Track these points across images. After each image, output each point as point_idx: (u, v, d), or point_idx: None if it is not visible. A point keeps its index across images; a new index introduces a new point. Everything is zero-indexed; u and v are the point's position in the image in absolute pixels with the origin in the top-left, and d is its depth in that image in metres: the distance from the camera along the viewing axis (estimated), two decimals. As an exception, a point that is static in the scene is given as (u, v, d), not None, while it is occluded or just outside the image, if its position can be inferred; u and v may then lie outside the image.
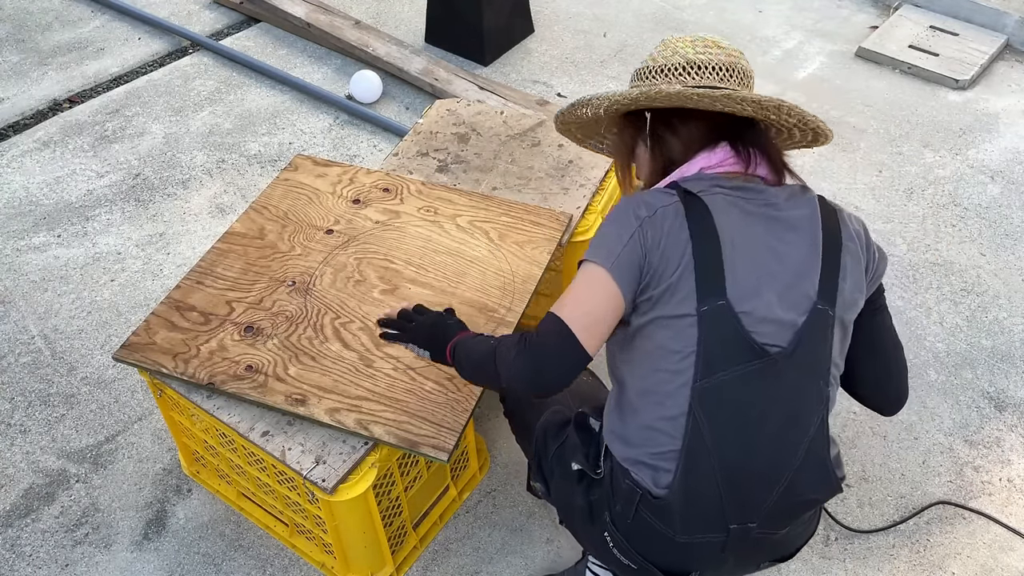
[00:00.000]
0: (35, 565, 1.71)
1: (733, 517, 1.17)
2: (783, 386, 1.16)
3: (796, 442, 1.17)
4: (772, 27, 3.37)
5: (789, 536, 1.25)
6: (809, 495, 1.20)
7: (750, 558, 1.27)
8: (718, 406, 1.14)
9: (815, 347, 1.17)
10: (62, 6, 3.51)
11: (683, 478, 1.16)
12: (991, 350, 2.10)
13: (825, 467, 1.19)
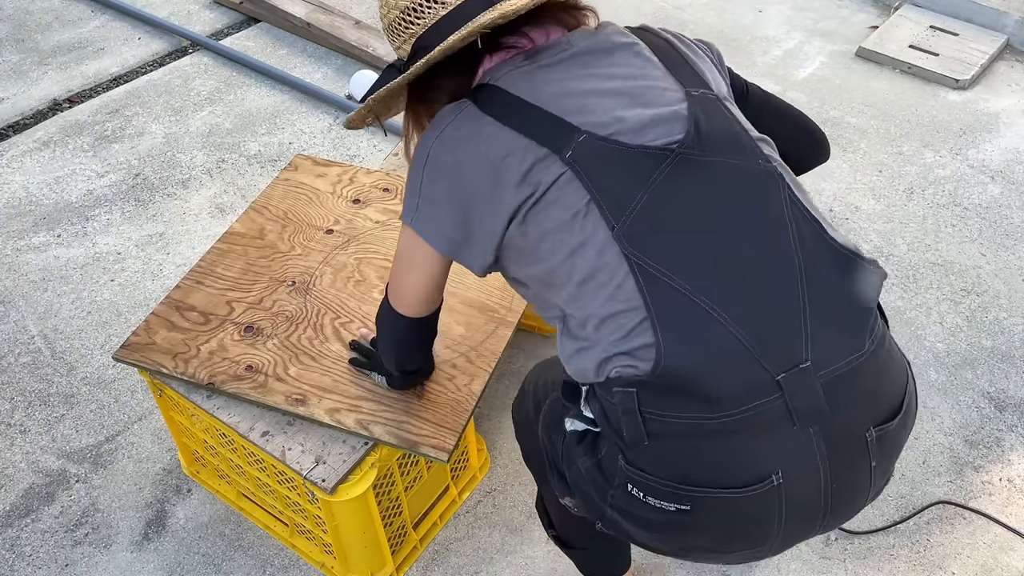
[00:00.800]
0: (35, 565, 1.71)
1: (772, 359, 0.93)
2: (713, 176, 0.99)
3: (776, 227, 0.98)
4: (772, 27, 3.37)
5: (882, 382, 0.99)
6: (843, 285, 0.98)
7: (847, 437, 0.95)
8: (656, 234, 0.96)
9: (719, 125, 1.02)
10: (62, 6, 3.51)
11: (671, 336, 0.94)
12: (991, 350, 2.10)
13: (833, 248, 0.99)
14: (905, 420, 1.02)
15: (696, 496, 0.95)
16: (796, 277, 0.96)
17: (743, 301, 0.94)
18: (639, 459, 0.97)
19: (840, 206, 2.51)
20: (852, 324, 0.97)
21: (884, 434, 0.98)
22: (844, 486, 0.98)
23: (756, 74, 3.08)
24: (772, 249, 0.97)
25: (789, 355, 0.93)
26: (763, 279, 0.95)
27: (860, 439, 0.96)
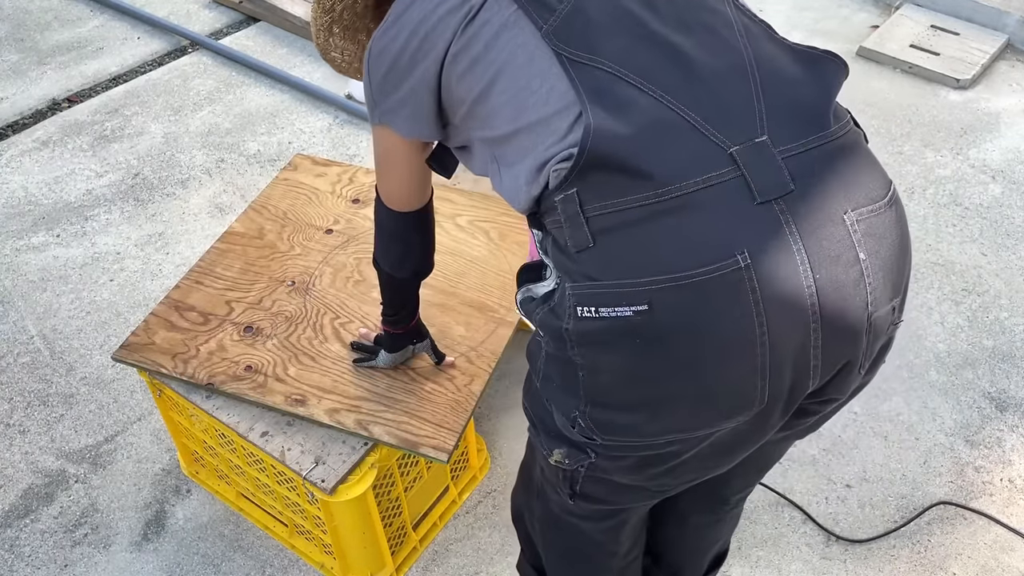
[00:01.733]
0: (34, 565, 1.70)
1: (721, 131, 0.87)
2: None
3: (718, 22, 0.95)
4: (773, 26, 3.36)
5: (857, 167, 0.90)
6: (796, 71, 0.93)
7: (822, 215, 0.85)
8: (586, 27, 0.92)
9: None
10: (61, 5, 3.51)
11: (600, 115, 0.87)
12: (992, 350, 2.10)
13: (782, 42, 0.96)
14: (894, 212, 0.92)
15: (650, 290, 0.84)
16: (744, 63, 0.92)
17: (685, 80, 0.89)
18: (588, 268, 0.89)
19: None
20: (812, 107, 0.91)
21: (866, 220, 0.88)
22: (830, 278, 0.85)
23: (756, 74, 3.08)
24: (713, 41, 0.93)
25: (742, 129, 0.87)
26: (706, 63, 0.91)
27: (838, 220, 0.86)
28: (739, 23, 0.96)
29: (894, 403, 1.98)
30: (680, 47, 0.91)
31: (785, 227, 0.84)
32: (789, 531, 1.75)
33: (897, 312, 0.96)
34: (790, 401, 0.92)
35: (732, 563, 1.69)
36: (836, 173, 0.88)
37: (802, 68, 0.94)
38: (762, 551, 1.71)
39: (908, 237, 0.96)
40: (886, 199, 0.91)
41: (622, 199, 0.86)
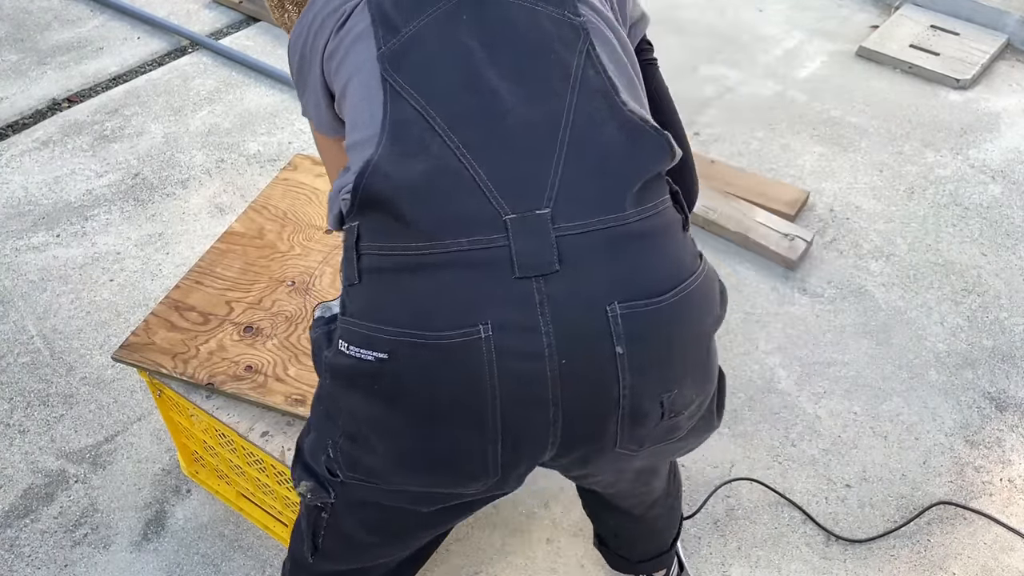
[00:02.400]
0: (34, 566, 1.70)
1: (504, 195, 0.84)
2: (501, 14, 0.92)
3: (555, 74, 0.90)
4: (773, 26, 3.37)
5: (642, 256, 0.86)
6: (614, 142, 0.88)
7: (581, 301, 0.83)
8: (418, 57, 0.91)
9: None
10: (61, 5, 3.51)
11: (387, 153, 0.87)
12: (992, 350, 2.10)
13: (618, 107, 0.90)
14: (677, 309, 0.87)
15: (393, 340, 0.84)
16: (560, 120, 0.88)
17: (489, 135, 0.87)
18: (352, 304, 0.89)
19: (840, 206, 2.51)
20: (613, 185, 0.87)
21: (634, 314, 0.84)
22: (576, 368, 0.83)
23: (756, 74, 3.08)
24: (541, 91, 0.89)
25: (525, 196, 0.84)
26: (521, 118, 0.88)
27: (599, 309, 0.83)
28: (580, 77, 0.91)
29: (894, 403, 1.98)
30: (501, 97, 0.89)
31: (537, 308, 0.82)
32: (789, 531, 1.75)
33: (677, 402, 0.92)
34: (528, 469, 0.92)
35: (732, 563, 1.70)
36: (613, 260, 0.85)
37: (623, 140, 0.89)
38: (762, 551, 1.72)
39: (696, 331, 0.91)
40: (669, 294, 0.86)
41: (390, 244, 0.86)
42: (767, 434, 1.92)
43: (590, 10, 0.96)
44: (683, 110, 1.17)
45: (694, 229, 2.41)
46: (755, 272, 2.31)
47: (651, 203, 0.89)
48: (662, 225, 0.90)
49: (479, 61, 0.90)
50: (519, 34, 0.92)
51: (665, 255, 0.89)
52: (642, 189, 0.88)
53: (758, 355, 2.09)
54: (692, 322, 0.90)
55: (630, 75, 0.97)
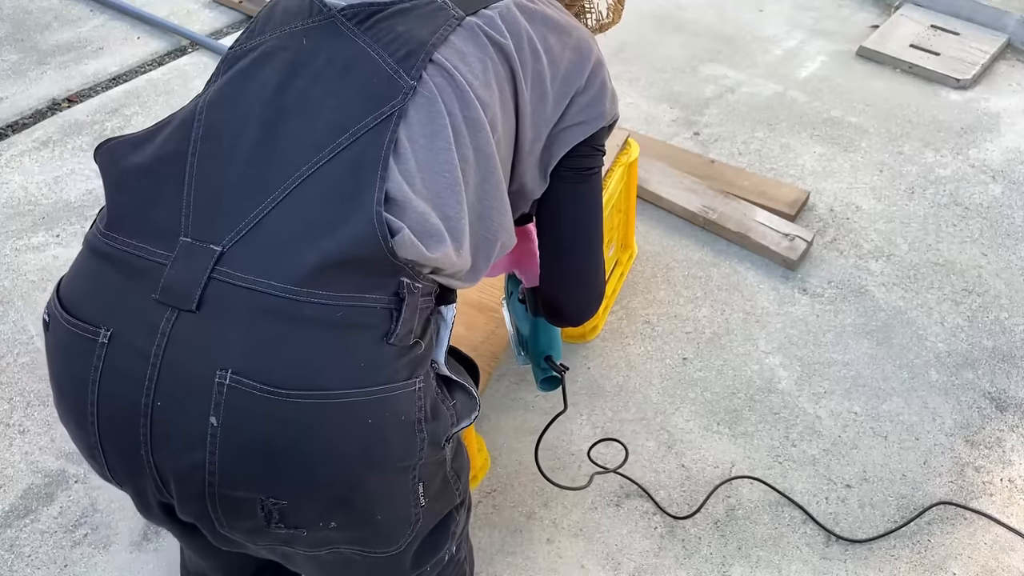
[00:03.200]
0: (34, 566, 1.70)
1: (195, 219, 0.83)
2: (334, 49, 0.90)
3: (329, 129, 0.86)
4: (773, 26, 3.37)
5: (285, 339, 0.79)
6: (332, 219, 0.81)
7: (195, 354, 0.79)
8: (228, 79, 0.92)
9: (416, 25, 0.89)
10: (61, 5, 3.51)
11: (137, 149, 0.88)
12: (992, 350, 2.10)
13: (368, 190, 0.82)
14: (297, 410, 0.78)
15: (50, 308, 0.88)
16: (296, 172, 0.83)
17: (224, 155, 0.86)
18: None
19: (840, 206, 2.51)
20: (303, 257, 0.80)
21: (242, 392, 0.78)
22: (169, 416, 0.80)
23: (756, 74, 3.08)
24: (302, 135, 0.86)
25: (213, 227, 0.82)
26: (265, 149, 0.85)
27: (209, 370, 0.78)
28: (352, 141, 0.85)
29: (894, 403, 1.98)
30: (268, 125, 0.87)
31: (157, 338, 0.79)
32: (789, 531, 1.75)
33: (291, 516, 0.83)
34: (155, 494, 0.87)
35: (732, 563, 1.70)
36: (252, 329, 0.79)
37: (336, 216, 0.82)
38: (762, 551, 1.71)
39: (338, 454, 0.81)
40: (298, 392, 0.78)
41: (99, 220, 0.89)
42: (767, 434, 1.92)
43: (444, 80, 0.89)
44: (683, 110, 1.15)
45: (694, 229, 2.42)
46: (755, 272, 2.31)
47: (335, 292, 0.80)
48: (339, 321, 0.80)
49: (277, 85, 0.88)
50: (334, 71, 0.88)
51: (320, 352, 0.80)
52: (329, 273, 0.80)
53: (758, 355, 2.09)
54: (332, 441, 0.80)
55: (444, 161, 0.87)
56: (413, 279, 0.84)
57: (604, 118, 1.03)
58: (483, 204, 0.92)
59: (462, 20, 0.91)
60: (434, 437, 0.88)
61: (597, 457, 1.85)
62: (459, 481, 0.98)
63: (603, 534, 1.74)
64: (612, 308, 2.21)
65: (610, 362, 2.08)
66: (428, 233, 0.84)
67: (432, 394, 0.89)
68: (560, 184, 1.03)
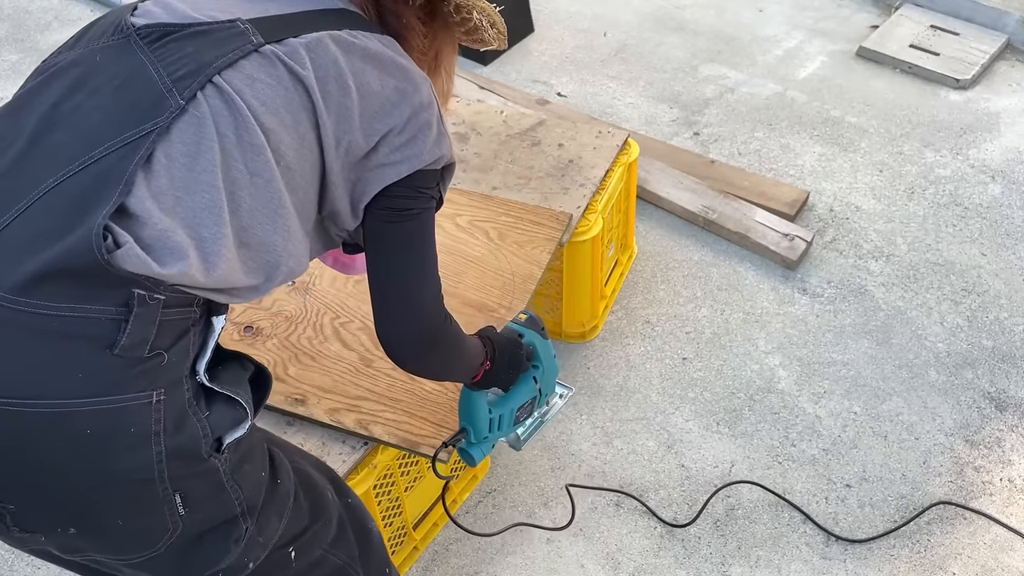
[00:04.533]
0: (34, 566, 1.70)
1: None
2: (124, 64, 0.89)
3: (88, 139, 0.85)
4: (773, 26, 3.37)
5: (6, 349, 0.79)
6: (62, 230, 0.81)
7: None
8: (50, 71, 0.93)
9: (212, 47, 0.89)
10: (61, 5, 3.51)
11: None
12: (992, 350, 2.10)
13: (103, 204, 0.81)
14: (22, 426, 0.80)
15: None
16: (48, 179, 0.83)
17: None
18: None
19: (840, 206, 2.51)
20: (22, 264, 0.79)
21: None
22: None
23: (756, 74, 3.08)
24: (63, 142, 0.86)
25: None
26: (9, 170, 0.85)
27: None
28: (108, 153, 0.84)
29: (894, 403, 1.98)
30: (35, 135, 0.87)
31: None
32: (789, 531, 1.75)
33: (26, 520, 0.86)
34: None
35: (732, 563, 1.70)
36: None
37: (67, 221, 0.81)
38: (762, 551, 1.72)
39: (59, 459, 0.82)
40: (7, 400, 0.79)
41: None
42: (767, 434, 1.92)
43: (222, 102, 0.88)
44: (683, 110, 1.15)
45: (694, 229, 2.42)
46: (755, 272, 2.31)
47: (53, 302, 0.80)
48: (56, 330, 0.80)
49: (56, 99, 0.89)
50: (111, 87, 0.88)
51: (36, 361, 0.80)
52: (48, 282, 0.79)
53: (758, 355, 2.09)
54: (47, 449, 0.81)
55: (205, 182, 0.87)
56: (150, 290, 0.83)
57: (421, 160, 1.00)
58: (262, 228, 0.91)
59: (260, 47, 0.90)
60: (179, 450, 0.87)
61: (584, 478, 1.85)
62: (240, 489, 0.96)
63: (603, 534, 1.74)
64: (612, 308, 2.21)
65: (610, 362, 2.08)
66: (165, 249, 0.83)
67: (180, 407, 0.87)
68: (375, 221, 1.02)
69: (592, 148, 2.00)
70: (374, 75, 0.96)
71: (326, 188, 0.98)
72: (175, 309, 0.86)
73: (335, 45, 0.94)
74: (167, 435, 0.86)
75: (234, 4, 0.95)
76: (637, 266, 2.32)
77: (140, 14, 0.94)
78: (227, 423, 0.93)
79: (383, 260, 1.04)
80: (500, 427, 1.32)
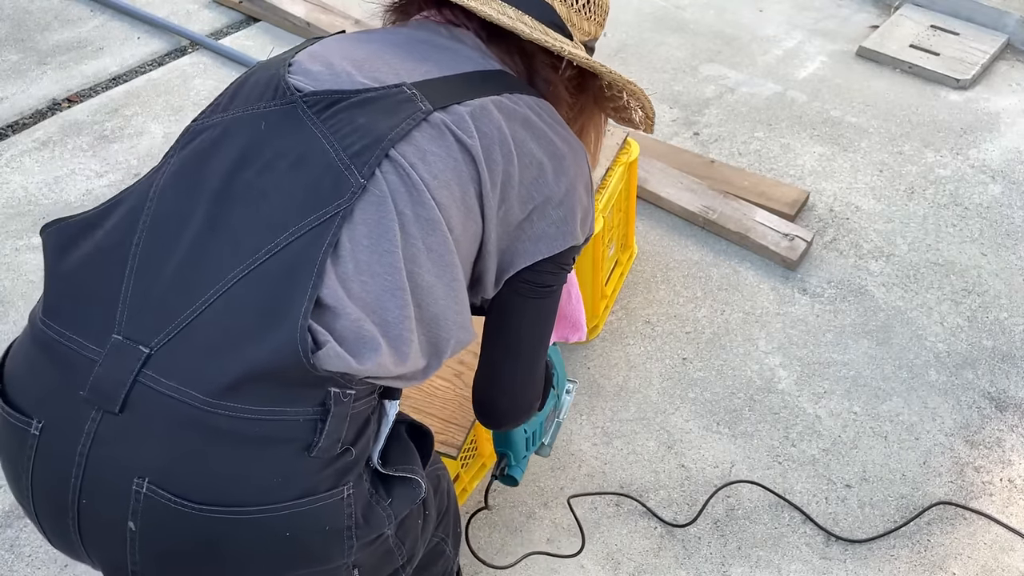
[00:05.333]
0: (34, 566, 1.70)
1: (129, 317, 0.81)
2: (294, 135, 0.87)
3: (269, 227, 0.83)
4: (773, 26, 3.37)
5: (208, 454, 0.78)
6: (259, 329, 0.79)
7: (116, 457, 0.79)
8: (205, 140, 0.91)
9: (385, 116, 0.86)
10: (61, 5, 3.51)
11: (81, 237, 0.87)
12: (992, 350, 2.10)
13: (298, 299, 0.79)
14: (220, 531, 0.79)
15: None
16: (231, 272, 0.81)
17: (169, 244, 0.84)
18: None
19: (840, 206, 2.51)
20: (221, 369, 0.78)
21: (157, 502, 0.78)
22: (91, 512, 0.81)
23: (756, 74, 3.08)
24: (243, 230, 0.83)
25: (144, 328, 0.80)
26: (205, 245, 0.83)
27: (128, 476, 0.78)
28: (289, 242, 0.82)
29: (894, 403, 1.98)
30: (212, 215, 0.84)
31: (82, 436, 0.79)
32: (789, 531, 1.75)
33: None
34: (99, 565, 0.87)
35: (732, 563, 1.70)
36: (172, 440, 0.78)
37: (264, 318, 0.79)
38: (762, 551, 1.72)
39: (226, 557, 0.81)
40: (210, 506, 0.78)
41: (41, 310, 0.87)
42: (767, 434, 1.92)
43: (398, 178, 0.85)
44: (683, 110, 1.15)
45: (694, 229, 2.42)
46: (755, 272, 2.31)
47: (254, 405, 0.78)
48: (256, 435, 0.79)
49: (226, 173, 0.86)
50: (286, 163, 0.85)
51: (234, 467, 0.79)
52: (249, 385, 0.78)
53: (758, 355, 2.09)
54: (247, 554, 0.81)
55: (388, 264, 0.84)
56: (344, 387, 0.81)
57: (575, 237, 0.98)
58: (438, 305, 0.88)
59: (428, 115, 0.87)
60: (367, 539, 0.87)
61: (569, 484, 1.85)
62: (403, 545, 0.96)
63: (603, 534, 1.74)
64: (612, 308, 2.21)
65: (610, 362, 2.08)
66: (360, 341, 0.81)
67: (364, 498, 0.86)
68: (513, 294, 1.00)
69: (592, 148, 1.99)
70: (534, 144, 0.94)
71: (480, 257, 0.95)
72: (362, 401, 0.84)
73: (498, 112, 0.91)
74: (358, 528, 0.85)
75: (395, 62, 0.92)
76: (637, 266, 2.32)
77: (298, 73, 0.90)
78: (406, 503, 0.92)
79: (513, 332, 1.02)
80: (534, 442, 1.32)
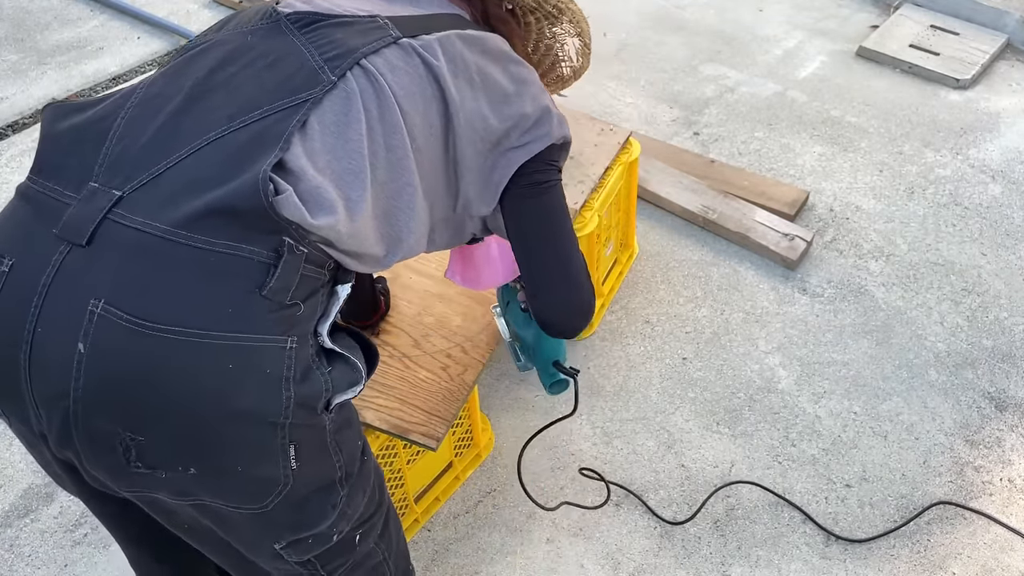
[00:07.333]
0: (34, 565, 1.70)
1: (109, 165, 0.90)
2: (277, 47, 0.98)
3: (244, 105, 0.93)
4: (773, 26, 3.37)
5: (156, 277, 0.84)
6: (224, 172, 0.87)
7: (76, 280, 0.84)
8: (201, 47, 1.01)
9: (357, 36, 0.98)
10: (61, 5, 3.51)
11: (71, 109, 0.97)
12: (992, 350, 2.10)
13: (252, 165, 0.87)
14: (166, 353, 0.82)
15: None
16: (207, 135, 0.90)
17: (145, 122, 0.93)
18: None
19: (840, 206, 2.51)
20: (186, 202, 0.86)
21: (109, 321, 0.82)
22: (42, 340, 0.84)
23: (756, 74, 3.08)
24: (221, 104, 0.93)
25: (119, 176, 0.89)
26: (186, 112, 0.93)
27: (83, 299, 0.83)
28: (262, 117, 0.91)
29: (894, 403, 1.98)
30: (196, 92, 0.95)
31: (49, 268, 0.85)
32: (789, 531, 1.75)
33: (146, 455, 0.86)
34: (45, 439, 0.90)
35: (732, 563, 1.70)
36: (129, 263, 0.84)
37: (229, 170, 0.88)
38: (762, 551, 1.72)
39: (192, 390, 0.84)
40: (163, 327, 0.82)
41: (31, 170, 0.95)
42: (767, 434, 1.92)
43: (368, 82, 0.96)
44: (683, 110, 1.16)
45: (694, 229, 2.42)
46: (755, 272, 2.31)
47: (212, 237, 0.85)
48: (212, 265, 0.85)
49: (210, 68, 0.97)
50: (264, 62, 0.96)
51: (189, 292, 0.84)
52: (210, 219, 0.85)
53: (758, 355, 2.09)
54: (190, 379, 0.84)
55: (353, 150, 0.93)
56: (298, 241, 0.88)
57: (551, 136, 1.10)
58: (389, 202, 0.98)
59: (398, 39, 1.00)
60: (303, 399, 0.91)
61: (592, 462, 1.85)
62: (340, 453, 1.00)
63: (603, 534, 1.74)
64: (611, 308, 2.21)
65: (610, 362, 2.08)
66: (318, 202, 0.89)
67: (306, 359, 0.91)
68: (518, 201, 1.11)
69: (593, 145, 2.00)
70: (494, 67, 1.06)
71: (459, 176, 1.05)
72: (312, 266, 0.92)
73: (461, 42, 1.04)
74: (295, 382, 0.89)
75: (370, 4, 1.05)
76: (637, 266, 2.32)
77: (286, 6, 1.03)
78: (344, 383, 0.98)
79: (532, 235, 1.12)
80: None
